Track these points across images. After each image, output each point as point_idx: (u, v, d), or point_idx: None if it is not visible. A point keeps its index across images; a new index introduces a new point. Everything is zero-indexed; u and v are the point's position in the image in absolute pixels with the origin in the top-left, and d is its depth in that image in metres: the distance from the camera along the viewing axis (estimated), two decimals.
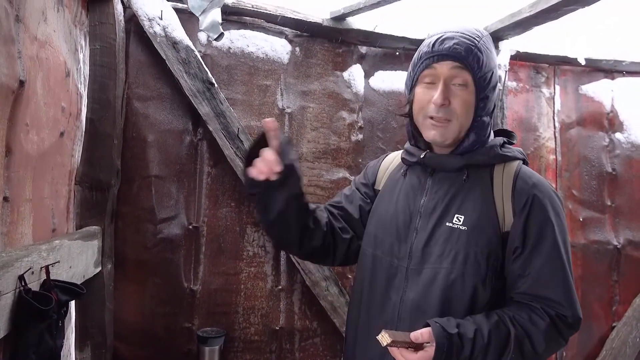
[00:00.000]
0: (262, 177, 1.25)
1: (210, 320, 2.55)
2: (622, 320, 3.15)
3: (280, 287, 2.67)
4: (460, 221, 1.24)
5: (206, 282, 2.55)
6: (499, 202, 1.25)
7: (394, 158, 1.52)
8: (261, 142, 1.26)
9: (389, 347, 1.10)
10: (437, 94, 1.23)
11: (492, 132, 1.35)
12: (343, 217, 1.50)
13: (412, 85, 1.32)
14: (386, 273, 1.31)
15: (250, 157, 1.28)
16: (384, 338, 1.08)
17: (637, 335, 3.10)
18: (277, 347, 2.67)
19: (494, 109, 1.30)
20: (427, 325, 1.12)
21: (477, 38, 1.23)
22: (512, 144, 1.37)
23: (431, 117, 1.26)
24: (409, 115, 1.36)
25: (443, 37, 1.24)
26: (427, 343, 1.09)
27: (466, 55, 1.20)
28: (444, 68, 1.23)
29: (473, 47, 1.21)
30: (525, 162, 1.35)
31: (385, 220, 1.38)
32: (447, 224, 1.25)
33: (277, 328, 2.67)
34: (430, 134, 1.28)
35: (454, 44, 1.21)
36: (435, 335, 1.09)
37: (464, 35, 1.23)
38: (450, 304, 1.20)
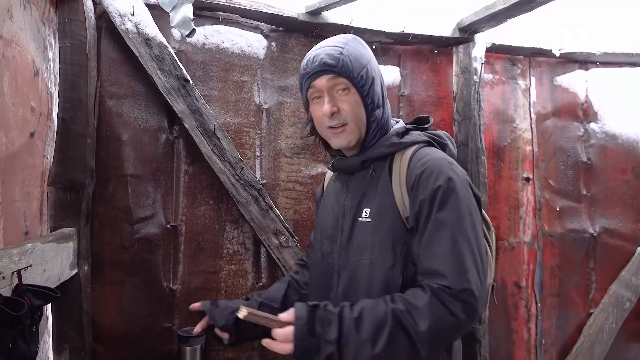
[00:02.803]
0: (231, 340, 1.57)
1: (191, 319, 2.52)
2: (599, 306, 3.22)
3: (261, 284, 2.66)
4: (367, 214, 1.33)
5: (186, 281, 2.53)
6: (397, 189, 1.30)
7: None
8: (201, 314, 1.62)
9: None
10: (325, 106, 1.36)
11: (389, 122, 1.44)
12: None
13: (306, 106, 1.46)
14: (326, 273, 1.42)
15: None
16: (241, 312, 1.23)
17: (613, 321, 3.18)
18: (259, 343, 2.64)
19: (384, 101, 1.40)
20: None
21: (341, 45, 1.36)
22: (424, 129, 1.43)
23: (330, 127, 1.38)
24: (314, 132, 1.52)
25: (312, 55, 1.38)
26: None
27: (335, 64, 1.33)
28: (322, 82, 1.36)
29: (339, 55, 1.33)
30: (432, 144, 1.37)
31: (322, 224, 1.51)
32: (359, 219, 1.34)
33: None
34: (335, 142, 1.42)
35: (321, 58, 1.35)
36: (296, 309, 1.21)
37: (329, 47, 1.37)
38: (370, 294, 1.27)
